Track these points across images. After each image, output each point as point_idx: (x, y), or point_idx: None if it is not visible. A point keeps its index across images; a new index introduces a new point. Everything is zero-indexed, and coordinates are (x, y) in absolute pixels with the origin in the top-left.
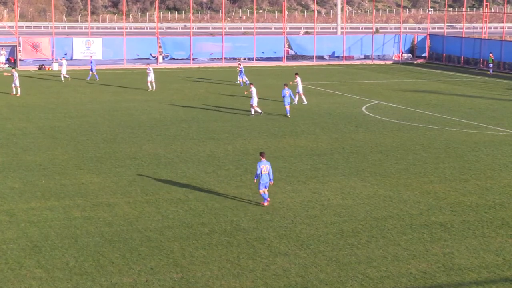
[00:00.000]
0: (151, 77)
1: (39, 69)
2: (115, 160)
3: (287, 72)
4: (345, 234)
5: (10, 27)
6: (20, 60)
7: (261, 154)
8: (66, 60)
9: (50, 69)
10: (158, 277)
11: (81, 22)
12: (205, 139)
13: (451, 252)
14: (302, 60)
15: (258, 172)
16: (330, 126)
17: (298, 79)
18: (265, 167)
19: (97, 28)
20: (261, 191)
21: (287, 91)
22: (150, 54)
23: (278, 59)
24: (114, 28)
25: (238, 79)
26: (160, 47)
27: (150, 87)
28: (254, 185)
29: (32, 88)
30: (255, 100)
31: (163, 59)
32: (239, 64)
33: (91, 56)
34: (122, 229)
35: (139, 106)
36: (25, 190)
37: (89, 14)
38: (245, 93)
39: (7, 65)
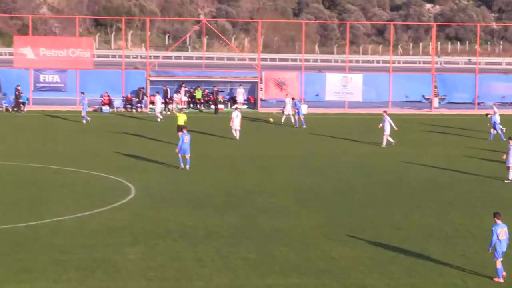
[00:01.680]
0: (387, 130)
1: (282, 111)
2: (373, 229)
3: None
4: None
5: (251, 59)
6: (261, 100)
7: (496, 215)
8: (317, 101)
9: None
10: None
11: (337, 53)
12: (491, 207)
13: None
14: None
15: (495, 238)
16: None
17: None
18: (502, 231)
19: (357, 61)
20: (498, 261)
21: None
22: (423, 96)
23: None
24: (378, 61)
25: (493, 130)
26: (435, 87)
27: (388, 141)
28: None
29: (271, 135)
30: None
31: (439, 102)
32: (489, 114)
33: (293, 98)
34: None
35: (406, 161)
36: (260, 262)
37: (347, 45)
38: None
39: (245, 106)
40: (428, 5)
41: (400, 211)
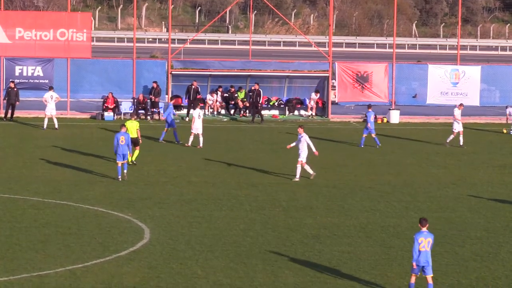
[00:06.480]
0: None
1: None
2: None
3: None
4: None
5: (319, 44)
6: (332, 103)
7: (421, 222)
8: (414, 106)
9: (386, 120)
10: None
11: (444, 36)
12: None
13: None
14: None
15: (416, 250)
16: None
17: None
18: (425, 241)
19: (473, 48)
20: (413, 277)
21: None
22: None
23: None
24: (504, 48)
25: None
26: None
27: None
28: None
29: (350, 154)
30: None
31: None
32: None
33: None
34: None
35: None
36: None
37: (459, 24)
38: None
39: (309, 113)
40: None
41: None
